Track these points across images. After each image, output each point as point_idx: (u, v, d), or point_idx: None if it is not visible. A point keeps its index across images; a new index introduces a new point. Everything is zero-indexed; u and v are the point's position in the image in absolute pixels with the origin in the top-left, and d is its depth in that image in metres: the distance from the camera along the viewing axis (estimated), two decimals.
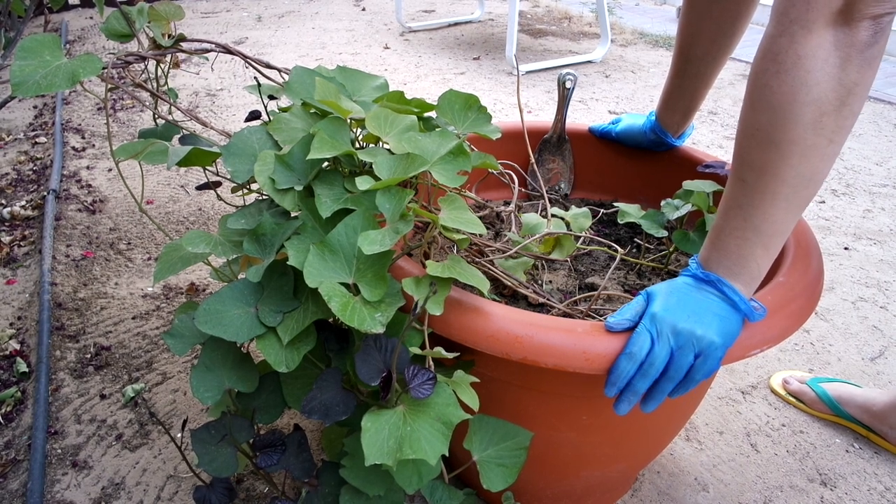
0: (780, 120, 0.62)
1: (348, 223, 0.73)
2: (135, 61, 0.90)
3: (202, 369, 0.81)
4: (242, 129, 0.86)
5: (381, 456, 0.64)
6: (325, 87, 0.81)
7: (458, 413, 0.68)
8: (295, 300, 0.77)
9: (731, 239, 0.68)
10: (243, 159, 0.84)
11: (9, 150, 2.31)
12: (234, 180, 0.83)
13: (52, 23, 3.81)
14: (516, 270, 0.93)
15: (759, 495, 1.10)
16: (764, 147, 0.63)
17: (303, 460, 0.84)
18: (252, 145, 0.85)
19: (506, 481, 0.74)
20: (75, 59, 0.81)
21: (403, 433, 0.65)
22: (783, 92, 0.61)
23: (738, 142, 0.67)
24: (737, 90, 2.99)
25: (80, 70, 0.79)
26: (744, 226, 0.67)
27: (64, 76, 0.79)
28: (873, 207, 2.01)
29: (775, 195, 0.65)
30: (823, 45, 0.59)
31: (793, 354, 1.42)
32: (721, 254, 0.69)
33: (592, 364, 0.69)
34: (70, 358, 1.37)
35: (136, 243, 1.77)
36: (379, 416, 0.67)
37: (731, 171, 0.68)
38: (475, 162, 0.84)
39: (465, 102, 0.93)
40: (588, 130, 1.24)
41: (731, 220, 0.68)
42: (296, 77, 0.91)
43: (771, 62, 0.62)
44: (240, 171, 0.83)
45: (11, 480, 1.10)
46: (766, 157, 0.63)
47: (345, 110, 0.79)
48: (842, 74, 0.60)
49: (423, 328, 0.73)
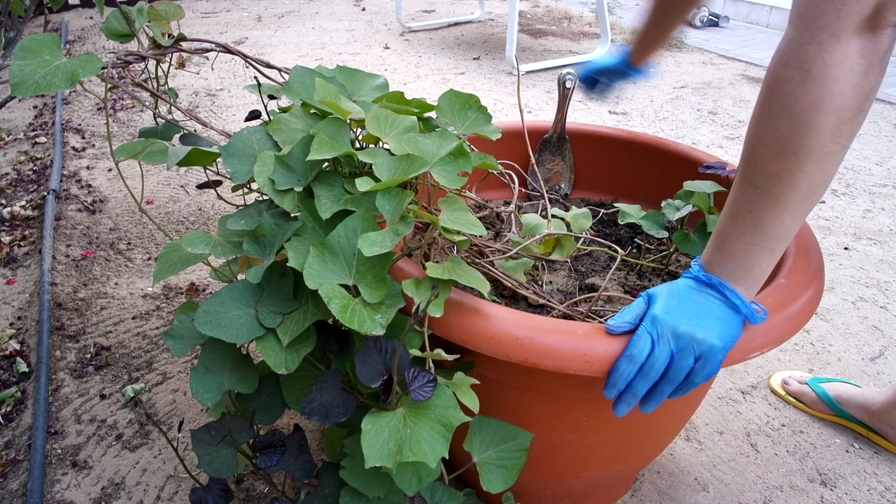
0: (802, 129, 0.61)
1: (348, 224, 0.73)
2: (135, 61, 0.90)
3: (202, 371, 0.81)
4: (242, 129, 0.86)
5: (381, 458, 0.64)
6: (325, 87, 0.81)
7: (458, 415, 0.67)
8: (295, 301, 0.77)
9: (737, 244, 0.68)
10: (242, 160, 0.84)
11: (9, 149, 2.31)
12: (234, 181, 0.83)
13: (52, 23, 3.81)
14: (516, 271, 0.93)
15: (759, 495, 1.10)
16: (781, 155, 0.63)
17: (303, 461, 0.84)
18: (251, 146, 0.84)
19: (506, 483, 0.74)
20: (75, 59, 0.81)
21: (403, 435, 0.65)
22: (808, 101, 0.60)
23: (751, 148, 0.66)
24: (737, 90, 2.99)
25: (79, 70, 0.79)
26: (752, 231, 0.67)
27: (63, 76, 0.78)
28: (873, 207, 2.01)
29: (788, 201, 0.64)
30: (850, 54, 0.58)
31: (793, 354, 1.42)
32: (726, 258, 0.69)
33: (593, 366, 0.69)
34: (70, 358, 1.37)
35: (136, 243, 1.77)
36: (379, 417, 0.67)
37: (740, 176, 0.68)
38: (475, 163, 0.83)
39: (464, 103, 0.93)
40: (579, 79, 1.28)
41: (738, 225, 0.68)
42: (296, 77, 0.91)
43: (796, 70, 0.60)
44: (239, 172, 0.83)
45: (11, 480, 1.10)
46: (783, 165, 0.63)
47: (344, 111, 0.79)
48: (863, 82, 0.59)
49: (423, 330, 0.73)
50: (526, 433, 0.77)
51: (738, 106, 2.80)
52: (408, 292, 0.71)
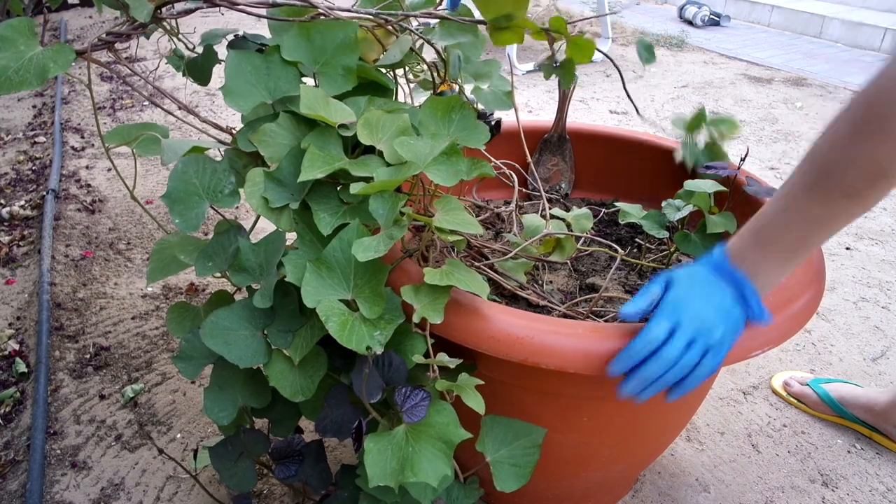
0: None
1: (343, 238, 0.72)
2: (115, 41, 0.83)
3: (215, 389, 0.80)
4: (176, 164, 0.79)
5: (384, 478, 0.63)
6: (310, 94, 0.76)
7: (459, 433, 0.67)
8: (302, 317, 0.76)
9: (779, 250, 0.67)
10: (188, 202, 0.78)
11: (8, 149, 2.31)
12: (184, 230, 0.77)
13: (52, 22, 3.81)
14: (517, 271, 0.93)
15: (760, 496, 1.09)
16: (872, 178, 0.61)
17: (320, 470, 0.84)
18: (192, 182, 0.78)
19: (519, 481, 0.74)
20: (47, 49, 0.73)
21: (405, 454, 0.65)
22: None
23: (833, 163, 0.63)
24: (738, 90, 2.98)
25: (50, 63, 0.71)
26: (804, 240, 0.66)
27: (35, 72, 0.71)
28: (874, 207, 2.01)
29: (849, 219, 0.64)
30: None
31: (794, 355, 1.41)
32: (761, 257, 0.68)
33: (593, 365, 0.69)
34: (69, 358, 1.37)
35: (136, 243, 1.77)
36: (381, 437, 0.66)
37: (807, 188, 0.65)
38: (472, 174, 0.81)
39: (446, 106, 0.87)
40: None
41: (792, 232, 0.66)
42: (233, 69, 0.80)
43: None
44: (188, 219, 0.77)
45: (10, 481, 1.10)
46: (871, 187, 0.61)
47: (333, 121, 0.77)
48: None
49: (424, 333, 0.73)
50: (538, 429, 0.76)
51: (740, 105, 2.79)
52: (406, 299, 0.71)
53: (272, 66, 0.80)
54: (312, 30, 0.82)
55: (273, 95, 0.80)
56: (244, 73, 0.80)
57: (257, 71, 0.80)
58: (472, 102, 1.01)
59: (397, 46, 0.88)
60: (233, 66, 0.79)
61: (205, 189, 0.79)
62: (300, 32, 0.82)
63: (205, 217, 0.78)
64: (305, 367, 0.75)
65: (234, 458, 0.84)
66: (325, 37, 0.82)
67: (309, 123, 0.79)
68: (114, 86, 2.88)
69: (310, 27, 0.82)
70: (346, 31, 0.82)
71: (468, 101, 0.92)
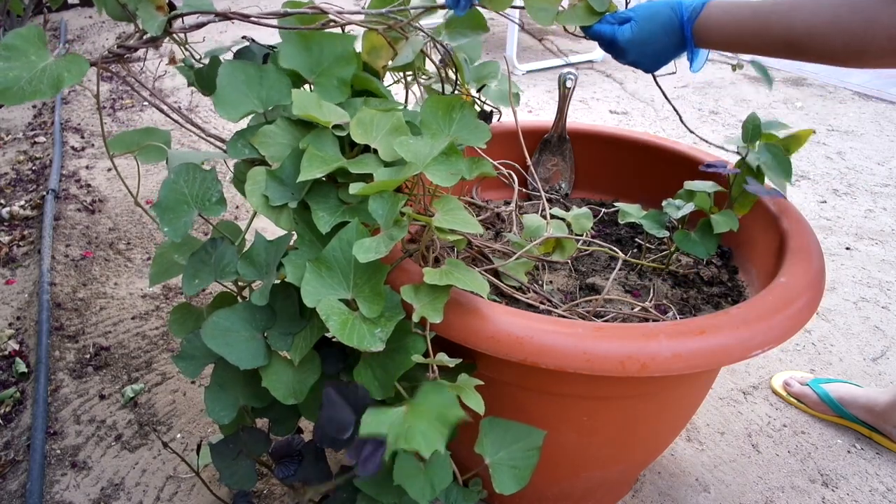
0: None
1: (342, 237, 0.72)
2: (125, 53, 0.84)
3: (215, 389, 0.81)
4: (167, 177, 0.79)
5: None
6: (302, 98, 0.77)
7: (457, 412, 0.67)
8: (302, 320, 0.76)
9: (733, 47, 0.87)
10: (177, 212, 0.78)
11: (8, 149, 2.31)
12: (171, 238, 0.78)
13: (52, 22, 3.81)
14: (517, 271, 0.93)
15: (760, 496, 1.09)
16: (835, 35, 0.74)
17: (320, 469, 0.84)
18: (182, 192, 0.79)
19: (518, 483, 0.73)
20: (60, 60, 0.74)
21: (401, 431, 0.65)
22: None
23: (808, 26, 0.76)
24: (738, 89, 2.98)
25: (65, 74, 0.73)
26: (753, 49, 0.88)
27: (49, 82, 0.72)
28: (875, 207, 2.01)
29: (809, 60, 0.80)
30: None
31: (794, 355, 1.41)
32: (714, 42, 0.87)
33: (593, 365, 0.69)
34: (69, 358, 1.37)
35: (136, 243, 1.77)
36: (380, 412, 0.66)
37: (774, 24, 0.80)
38: (472, 173, 0.82)
39: (447, 105, 0.86)
40: None
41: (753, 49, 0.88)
42: (225, 79, 0.80)
43: None
44: (176, 228, 0.77)
45: (10, 481, 1.10)
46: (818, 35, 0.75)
47: (325, 121, 0.77)
48: None
49: (425, 332, 0.73)
50: (537, 431, 0.76)
51: (740, 105, 2.79)
52: (406, 299, 0.71)
53: (266, 76, 0.81)
54: (312, 40, 0.83)
55: (265, 105, 0.81)
56: (237, 83, 0.80)
57: (250, 80, 0.81)
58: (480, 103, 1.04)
59: (409, 46, 0.89)
60: (226, 75, 0.80)
61: (193, 197, 0.79)
62: (300, 41, 0.83)
63: (192, 225, 0.78)
64: (298, 371, 0.76)
65: (234, 456, 0.84)
66: (324, 48, 0.84)
67: (305, 126, 0.80)
68: (114, 86, 2.88)
69: (310, 37, 0.83)
70: (344, 43, 0.84)
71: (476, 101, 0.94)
